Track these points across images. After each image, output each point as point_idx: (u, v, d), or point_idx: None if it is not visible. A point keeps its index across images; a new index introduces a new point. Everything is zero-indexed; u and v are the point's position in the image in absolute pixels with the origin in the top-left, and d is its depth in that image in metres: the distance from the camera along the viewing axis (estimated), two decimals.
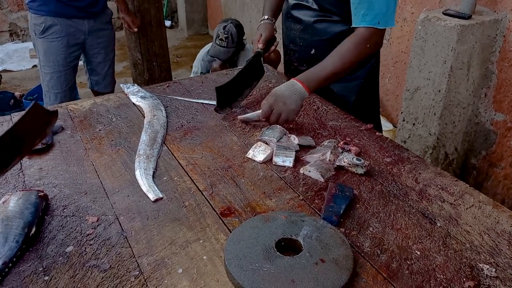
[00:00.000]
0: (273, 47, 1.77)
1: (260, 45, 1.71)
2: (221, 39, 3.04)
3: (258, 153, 1.30)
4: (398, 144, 1.39)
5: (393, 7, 1.46)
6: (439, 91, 2.31)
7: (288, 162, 1.27)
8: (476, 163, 2.53)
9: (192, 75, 3.56)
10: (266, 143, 1.34)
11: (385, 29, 1.47)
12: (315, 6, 1.60)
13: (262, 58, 1.74)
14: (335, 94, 1.72)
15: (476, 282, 0.88)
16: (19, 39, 5.66)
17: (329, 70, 1.46)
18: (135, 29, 2.97)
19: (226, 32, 3.04)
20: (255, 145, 1.33)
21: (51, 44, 2.54)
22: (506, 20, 2.19)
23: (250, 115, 1.51)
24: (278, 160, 1.27)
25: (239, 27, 3.14)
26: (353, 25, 1.48)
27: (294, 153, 1.29)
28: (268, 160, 1.29)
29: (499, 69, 2.27)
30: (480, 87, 2.37)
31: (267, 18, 1.78)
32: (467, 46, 2.18)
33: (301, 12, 1.66)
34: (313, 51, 1.69)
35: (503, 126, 2.32)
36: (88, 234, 1.02)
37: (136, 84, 1.77)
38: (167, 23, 6.30)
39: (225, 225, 1.04)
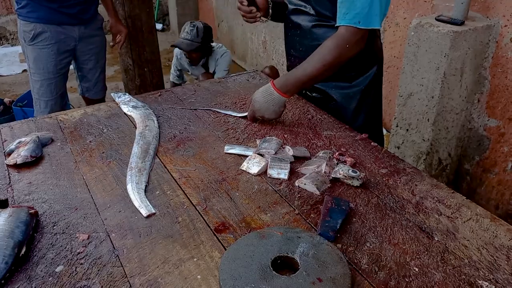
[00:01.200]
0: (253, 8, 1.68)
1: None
2: (186, 32, 3.28)
3: (252, 165, 1.28)
4: (393, 155, 1.38)
5: (377, 7, 1.40)
6: (432, 97, 2.30)
7: (283, 174, 1.25)
8: (469, 168, 2.53)
9: (171, 73, 3.69)
10: (261, 155, 1.32)
11: (366, 30, 1.42)
12: (312, 12, 1.59)
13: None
14: (335, 101, 1.70)
15: None
16: (8, 43, 5.59)
17: (309, 73, 1.46)
18: (119, 44, 2.89)
19: (192, 26, 3.27)
20: (249, 157, 1.31)
21: (41, 52, 2.50)
22: (499, 26, 2.19)
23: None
24: (273, 173, 1.25)
25: (207, 28, 3.36)
26: (335, 25, 1.45)
27: (289, 165, 1.28)
28: (263, 173, 1.27)
29: (492, 75, 2.27)
30: (473, 93, 2.37)
31: None
32: (460, 52, 2.18)
33: (300, 18, 1.65)
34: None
35: (496, 131, 2.33)
36: (79, 253, 0.99)
37: (127, 93, 1.74)
38: (158, 26, 6.27)
39: (219, 241, 1.02)
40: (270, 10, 1.71)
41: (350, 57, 1.47)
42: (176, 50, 3.55)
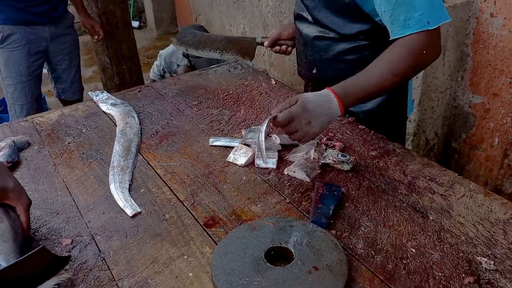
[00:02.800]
0: (278, 47, 1.63)
1: (266, 43, 1.61)
2: (196, 28, 3.06)
3: (239, 156, 1.24)
4: (382, 136, 1.35)
5: None
6: (417, 77, 2.29)
7: (271, 163, 1.21)
8: (457, 146, 2.53)
9: (151, 74, 3.57)
10: (248, 145, 1.28)
11: (439, 29, 1.16)
12: (310, 19, 1.40)
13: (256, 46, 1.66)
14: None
15: (475, 277, 0.85)
16: None
17: (374, 86, 1.15)
18: (99, 37, 2.82)
19: (198, 28, 3.13)
20: (235, 148, 1.27)
21: (12, 54, 2.41)
22: (478, 1, 2.18)
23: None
24: (261, 162, 1.22)
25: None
26: (392, 37, 1.17)
27: (276, 153, 1.24)
28: (251, 163, 1.23)
29: (474, 51, 2.26)
30: (456, 70, 2.36)
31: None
32: (441, 30, 2.16)
33: (302, 25, 1.46)
34: (314, 70, 1.47)
35: (482, 108, 2.32)
36: None
37: (105, 91, 1.68)
38: (135, 23, 6.16)
39: (210, 236, 0.98)
40: None
41: (429, 63, 1.23)
42: (165, 53, 3.41)
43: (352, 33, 1.30)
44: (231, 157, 1.25)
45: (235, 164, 1.23)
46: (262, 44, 1.63)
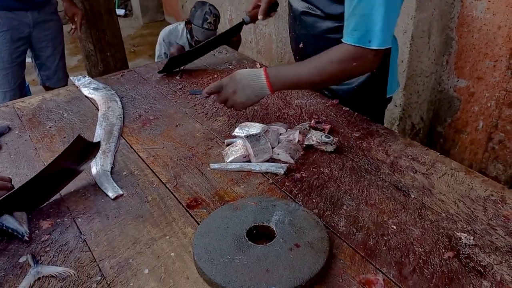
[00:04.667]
0: (273, 13, 1.64)
1: (260, 17, 1.60)
2: (209, 23, 3.04)
3: (230, 153, 1.18)
4: (365, 118, 1.35)
5: (392, 23, 1.17)
6: (402, 61, 2.29)
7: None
8: (442, 131, 2.55)
9: (156, 59, 3.47)
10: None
11: (380, 50, 1.14)
12: None
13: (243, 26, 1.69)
14: (329, 92, 1.53)
15: (455, 252, 0.86)
16: None
17: (301, 79, 1.24)
18: (75, 30, 2.74)
19: (214, 15, 3.06)
20: (234, 143, 1.20)
21: None
22: None
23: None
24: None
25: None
26: (342, 39, 1.19)
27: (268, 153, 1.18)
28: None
29: (459, 35, 2.27)
30: (442, 54, 2.37)
31: None
32: (426, 14, 2.17)
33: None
34: (301, 45, 1.50)
35: (466, 91, 2.34)
36: (43, 241, 0.93)
37: (87, 76, 1.66)
38: (121, 11, 6.08)
39: (192, 217, 0.98)
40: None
41: (358, 75, 1.30)
42: (163, 34, 3.25)
43: (337, 14, 1.30)
44: (226, 152, 1.19)
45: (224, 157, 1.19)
46: (253, 21, 1.64)
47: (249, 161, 1.16)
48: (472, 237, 0.89)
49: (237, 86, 1.23)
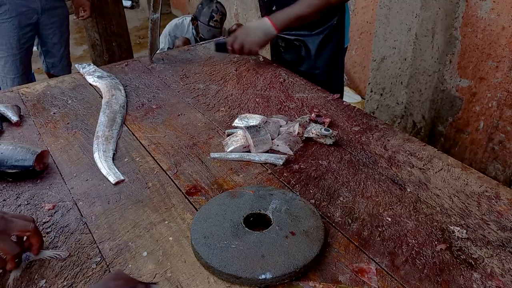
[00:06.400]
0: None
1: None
2: (215, 21, 3.07)
3: (231, 143, 1.21)
4: (365, 113, 1.37)
5: None
6: (405, 60, 2.30)
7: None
8: (443, 130, 2.56)
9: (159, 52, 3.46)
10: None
11: None
12: None
13: None
14: (296, 48, 1.78)
15: (447, 245, 0.87)
16: None
17: (297, 14, 1.57)
18: (83, 17, 2.75)
19: (221, 14, 3.08)
20: (234, 133, 1.22)
21: (2, 26, 2.38)
22: None
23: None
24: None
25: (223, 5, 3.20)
26: None
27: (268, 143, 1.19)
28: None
29: (463, 35, 2.28)
30: (445, 53, 2.37)
31: None
32: (430, 12, 2.17)
33: None
34: (274, 8, 1.70)
35: (468, 91, 2.35)
36: (45, 222, 0.95)
37: (92, 64, 1.68)
38: (127, 3, 6.09)
39: (191, 204, 1.00)
40: None
41: (336, 3, 1.61)
42: (169, 28, 3.26)
43: None
44: (226, 142, 1.21)
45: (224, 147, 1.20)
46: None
47: (249, 151, 1.18)
48: (465, 231, 0.90)
49: (248, 31, 1.60)
